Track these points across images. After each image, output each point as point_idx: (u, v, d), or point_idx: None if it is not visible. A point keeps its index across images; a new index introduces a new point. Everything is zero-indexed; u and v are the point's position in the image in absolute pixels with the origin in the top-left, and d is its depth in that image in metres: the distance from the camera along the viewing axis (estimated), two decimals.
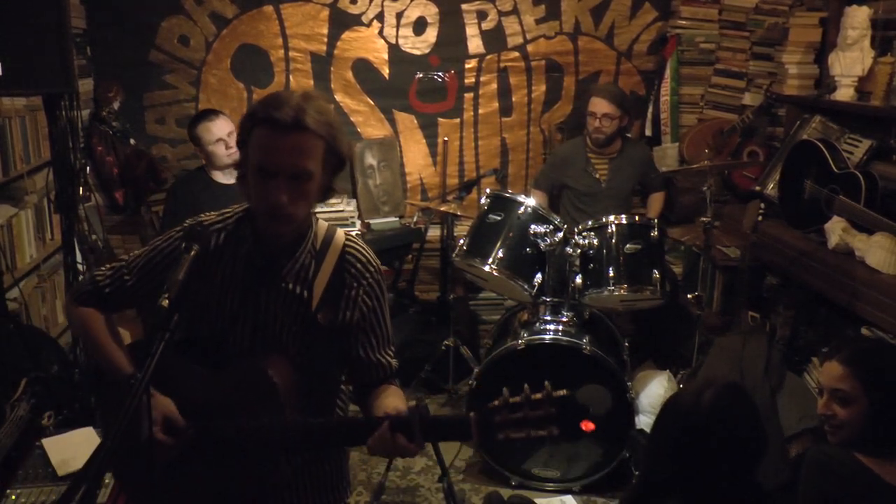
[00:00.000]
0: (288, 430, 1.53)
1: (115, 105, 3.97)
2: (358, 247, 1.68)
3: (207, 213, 1.72)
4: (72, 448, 2.40)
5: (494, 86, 4.44)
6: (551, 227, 3.29)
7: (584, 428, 1.38)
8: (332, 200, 4.18)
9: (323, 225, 1.69)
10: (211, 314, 1.63)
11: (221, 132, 3.37)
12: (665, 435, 1.74)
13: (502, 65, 4.42)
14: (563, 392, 1.39)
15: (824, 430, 1.90)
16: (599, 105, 3.76)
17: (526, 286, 3.28)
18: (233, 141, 3.40)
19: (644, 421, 3.37)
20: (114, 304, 1.73)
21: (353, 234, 1.72)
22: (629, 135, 4.20)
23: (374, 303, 1.66)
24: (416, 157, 4.50)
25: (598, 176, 3.88)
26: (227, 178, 3.53)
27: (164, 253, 1.67)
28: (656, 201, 4.11)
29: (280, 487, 1.64)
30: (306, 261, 1.62)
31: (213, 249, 1.63)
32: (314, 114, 1.49)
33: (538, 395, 1.38)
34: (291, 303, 1.61)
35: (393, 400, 1.62)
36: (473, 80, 4.42)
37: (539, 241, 3.26)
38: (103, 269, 1.74)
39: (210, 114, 3.43)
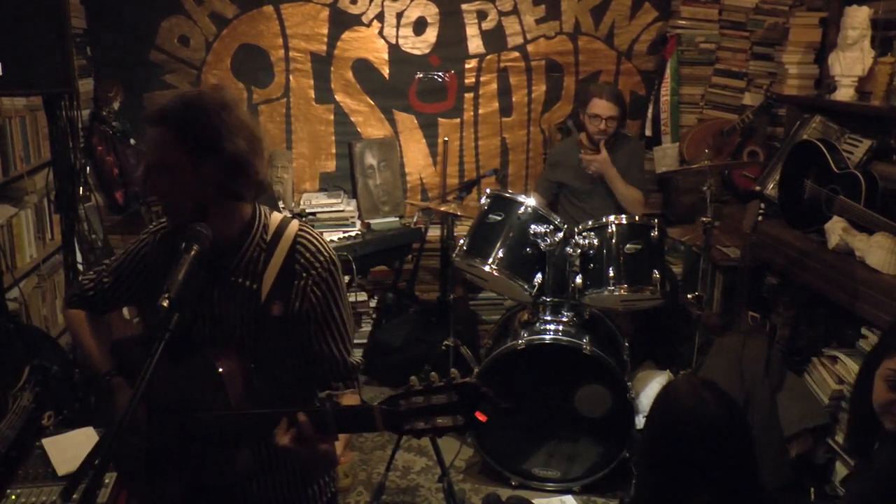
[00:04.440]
0: (225, 420, 1.53)
1: (115, 105, 3.96)
2: (309, 237, 1.64)
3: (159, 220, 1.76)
4: (72, 448, 2.40)
5: (494, 86, 4.45)
6: (551, 227, 3.29)
7: (478, 418, 1.34)
8: (332, 200, 4.26)
9: (276, 217, 1.67)
10: None
11: None
12: (667, 442, 1.74)
13: (502, 65, 4.42)
14: (466, 379, 1.35)
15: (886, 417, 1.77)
16: (605, 108, 3.68)
17: (526, 286, 3.28)
18: None
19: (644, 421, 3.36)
20: (98, 305, 1.80)
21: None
22: (629, 133, 4.19)
23: (324, 293, 1.62)
24: (416, 157, 4.51)
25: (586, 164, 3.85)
26: None
27: (132, 254, 1.74)
28: (631, 199, 3.76)
29: (250, 474, 1.63)
30: (255, 254, 1.62)
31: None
32: (171, 105, 1.50)
33: (441, 383, 1.35)
34: (242, 296, 1.61)
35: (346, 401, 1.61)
36: (473, 80, 4.43)
37: (539, 241, 3.26)
38: (90, 273, 1.83)
39: None
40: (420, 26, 4.32)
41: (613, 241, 3.27)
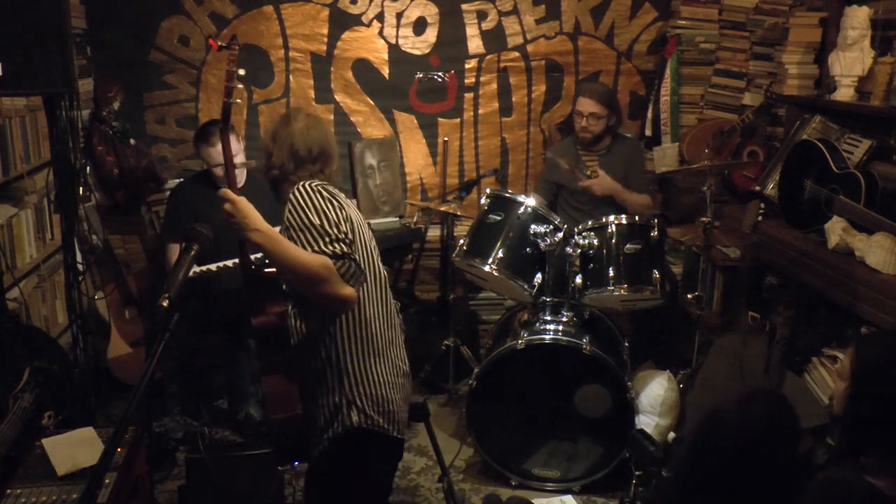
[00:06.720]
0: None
1: (115, 105, 3.96)
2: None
3: None
4: (72, 448, 2.40)
5: (494, 86, 4.45)
6: (551, 227, 3.29)
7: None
8: None
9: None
10: None
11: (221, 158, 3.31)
12: (713, 455, 1.67)
13: (502, 65, 4.42)
14: None
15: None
16: (586, 105, 3.74)
17: (526, 286, 3.28)
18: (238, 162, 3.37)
19: (644, 421, 3.36)
20: None
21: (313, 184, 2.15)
22: (628, 134, 4.19)
23: (289, 209, 2.05)
24: (416, 157, 4.51)
25: (588, 173, 3.86)
26: None
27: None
28: (640, 207, 3.76)
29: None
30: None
31: None
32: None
33: None
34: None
35: None
36: (473, 80, 4.43)
37: (539, 241, 3.26)
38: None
39: (212, 136, 3.33)
40: (420, 26, 4.32)
41: (613, 241, 3.27)
